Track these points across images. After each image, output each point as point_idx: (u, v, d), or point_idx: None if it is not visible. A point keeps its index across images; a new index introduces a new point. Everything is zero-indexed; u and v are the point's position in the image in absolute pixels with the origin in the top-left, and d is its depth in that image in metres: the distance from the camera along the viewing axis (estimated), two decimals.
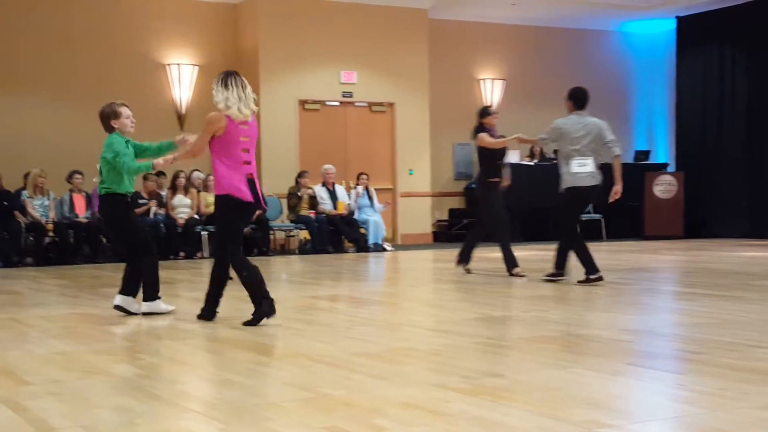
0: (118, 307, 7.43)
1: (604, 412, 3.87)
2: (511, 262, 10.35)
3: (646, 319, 7.03)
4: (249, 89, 7.02)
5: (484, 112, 11.06)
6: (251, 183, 6.92)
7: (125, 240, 7.58)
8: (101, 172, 7.48)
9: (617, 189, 9.16)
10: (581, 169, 9.10)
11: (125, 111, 7.59)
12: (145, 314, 7.35)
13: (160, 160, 7.52)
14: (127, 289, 7.49)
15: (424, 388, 4.45)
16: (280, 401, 4.22)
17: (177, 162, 7.79)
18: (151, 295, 7.45)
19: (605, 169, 9.25)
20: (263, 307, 6.74)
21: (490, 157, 10.57)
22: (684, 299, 8.41)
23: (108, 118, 7.58)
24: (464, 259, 10.87)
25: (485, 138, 10.55)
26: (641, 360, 5.26)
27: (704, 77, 19.09)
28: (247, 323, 6.69)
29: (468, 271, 10.79)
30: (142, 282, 7.47)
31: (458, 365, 5.01)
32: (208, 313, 7.09)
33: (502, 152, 10.71)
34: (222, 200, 6.88)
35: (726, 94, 18.74)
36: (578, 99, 9.33)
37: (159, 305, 7.47)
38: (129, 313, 7.41)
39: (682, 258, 13.51)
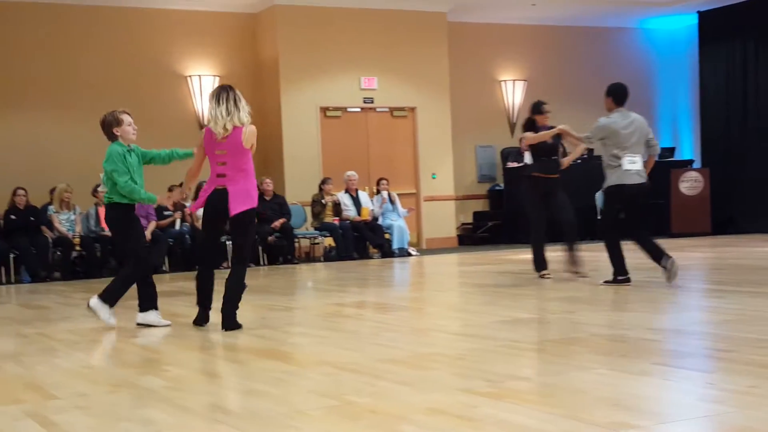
0: (141, 325, 7.52)
1: (632, 414, 3.84)
2: (539, 264, 10.22)
3: (673, 318, 6.99)
4: (242, 102, 7.18)
5: (536, 108, 10.43)
6: (219, 193, 7.02)
7: (123, 249, 7.65)
8: (104, 182, 7.51)
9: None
10: (632, 167, 8.87)
11: (126, 118, 7.51)
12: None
13: (165, 200, 7.63)
14: (144, 305, 7.60)
15: (449, 393, 4.44)
16: (306, 409, 4.22)
17: (186, 194, 7.89)
18: (110, 298, 7.54)
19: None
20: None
21: (543, 152, 10.15)
22: (712, 296, 8.35)
23: (110, 126, 7.49)
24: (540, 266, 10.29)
25: (527, 137, 10.11)
26: (669, 359, 5.22)
27: (727, 72, 18.97)
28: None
29: (547, 276, 10.17)
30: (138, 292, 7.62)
31: (484, 369, 4.99)
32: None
33: (555, 147, 10.19)
34: None
35: (750, 89, 18.61)
36: (618, 95, 9.06)
37: (104, 312, 7.50)
38: (153, 325, 7.49)
39: (709, 255, 13.41)
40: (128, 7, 16.08)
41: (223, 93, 7.16)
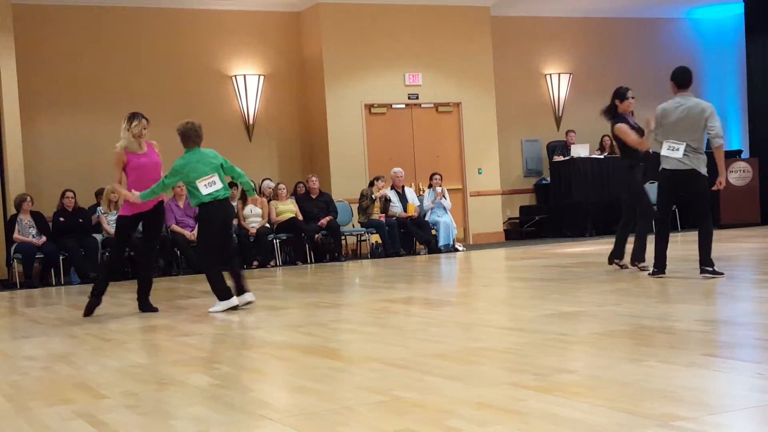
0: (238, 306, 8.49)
1: (681, 405, 3.80)
2: (638, 253, 9.79)
3: (722, 309, 6.92)
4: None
5: (620, 94, 9.99)
6: None
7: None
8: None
9: (720, 180, 8.78)
10: (670, 154, 8.69)
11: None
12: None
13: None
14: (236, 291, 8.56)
15: (497, 387, 4.42)
16: (353, 405, 4.23)
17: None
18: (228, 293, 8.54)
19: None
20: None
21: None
22: (762, 287, 8.24)
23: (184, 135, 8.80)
24: (638, 257, 9.82)
25: (626, 132, 9.74)
26: (718, 350, 5.17)
27: None
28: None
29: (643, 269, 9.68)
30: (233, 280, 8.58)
31: (532, 363, 4.98)
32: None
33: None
34: None
35: None
36: (678, 79, 8.80)
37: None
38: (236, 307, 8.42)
39: (759, 245, 13.23)
40: (172, 8, 16.23)
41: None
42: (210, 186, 8.41)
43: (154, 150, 9.00)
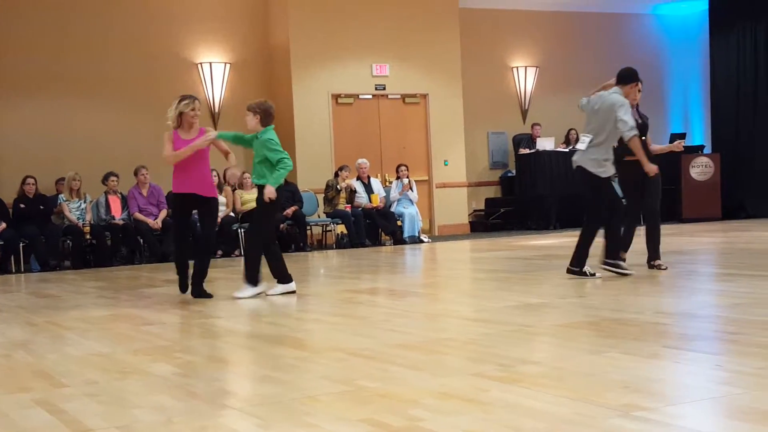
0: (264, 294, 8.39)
1: (642, 396, 3.84)
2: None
3: (683, 302, 6.98)
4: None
5: (633, 76, 8.86)
6: None
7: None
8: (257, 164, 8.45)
9: (646, 170, 8.47)
10: (579, 146, 8.62)
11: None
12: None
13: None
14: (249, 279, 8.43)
15: (461, 378, 4.44)
16: (317, 395, 4.23)
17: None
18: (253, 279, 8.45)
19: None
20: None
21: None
22: (722, 280, 8.33)
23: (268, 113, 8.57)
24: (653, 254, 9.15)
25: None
26: (678, 342, 5.22)
27: (738, 57, 18.92)
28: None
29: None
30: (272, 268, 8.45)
31: (495, 353, 5.00)
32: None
33: (644, 128, 8.98)
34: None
35: (761, 73, 18.56)
36: (618, 74, 8.63)
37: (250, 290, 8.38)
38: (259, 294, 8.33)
39: (720, 239, 13.37)
40: None
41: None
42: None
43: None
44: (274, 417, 3.85)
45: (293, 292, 8.40)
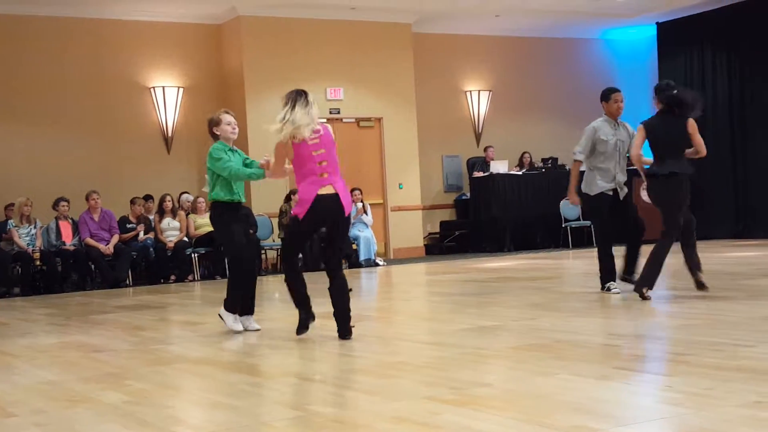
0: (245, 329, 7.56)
1: (591, 417, 3.88)
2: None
3: (634, 323, 7.05)
4: (309, 106, 7.38)
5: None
6: (331, 196, 7.02)
7: (223, 249, 7.63)
8: (208, 181, 7.61)
9: (569, 199, 9.27)
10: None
11: (226, 118, 7.74)
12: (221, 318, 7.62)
13: (266, 166, 7.66)
14: (243, 309, 7.60)
15: (414, 401, 4.45)
16: (270, 421, 4.22)
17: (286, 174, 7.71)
18: (228, 306, 7.54)
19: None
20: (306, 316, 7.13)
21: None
22: (672, 302, 8.44)
23: (210, 125, 7.74)
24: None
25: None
26: (629, 363, 5.28)
27: (686, 81, 19.12)
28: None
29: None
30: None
31: (448, 377, 5.02)
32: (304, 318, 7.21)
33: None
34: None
35: (708, 97, 18.77)
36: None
37: (228, 319, 7.53)
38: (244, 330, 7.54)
39: (669, 261, 13.39)
40: (92, 18, 15.96)
41: (299, 97, 7.34)
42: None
43: (329, 133, 7.54)
44: None
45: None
